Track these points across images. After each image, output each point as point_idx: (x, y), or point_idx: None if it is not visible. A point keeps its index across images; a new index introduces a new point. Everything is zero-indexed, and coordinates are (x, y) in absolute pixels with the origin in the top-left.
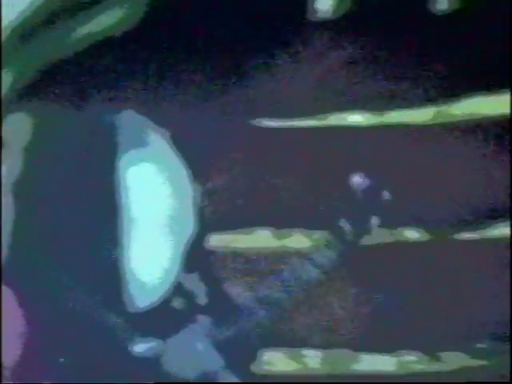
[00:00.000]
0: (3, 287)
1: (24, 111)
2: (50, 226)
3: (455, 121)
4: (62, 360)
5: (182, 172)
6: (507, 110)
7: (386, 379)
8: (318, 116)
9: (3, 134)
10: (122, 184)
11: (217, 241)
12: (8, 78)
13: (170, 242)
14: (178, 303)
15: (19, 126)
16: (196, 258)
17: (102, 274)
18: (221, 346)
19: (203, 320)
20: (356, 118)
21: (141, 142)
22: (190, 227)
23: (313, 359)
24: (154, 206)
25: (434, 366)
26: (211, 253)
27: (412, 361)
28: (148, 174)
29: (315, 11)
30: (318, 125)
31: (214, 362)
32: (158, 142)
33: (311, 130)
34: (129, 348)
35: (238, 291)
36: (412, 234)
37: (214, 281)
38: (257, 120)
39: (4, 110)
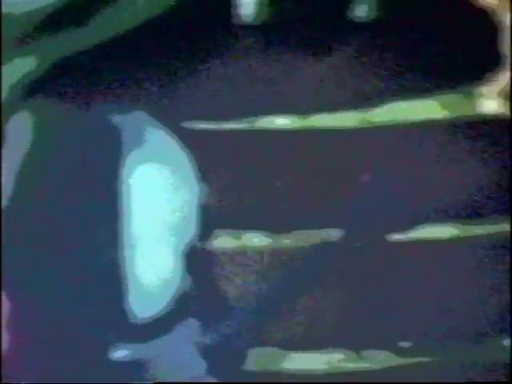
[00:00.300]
0: None
1: (27, 110)
2: (51, 226)
3: (380, 125)
4: (44, 361)
5: (189, 173)
6: (430, 115)
7: (316, 378)
8: (246, 119)
9: (6, 133)
10: (127, 185)
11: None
12: (24, 68)
13: (172, 247)
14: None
15: (22, 124)
16: (192, 260)
17: (101, 279)
18: (206, 351)
19: (192, 323)
20: (283, 122)
21: (147, 143)
22: (192, 229)
23: None
24: (158, 208)
25: (363, 365)
26: (208, 254)
27: (341, 359)
28: (153, 175)
29: (240, 16)
30: (247, 128)
31: (198, 366)
32: (165, 142)
33: (240, 132)
34: (111, 352)
35: (231, 293)
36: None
37: (206, 283)
38: (189, 122)
39: (7, 109)
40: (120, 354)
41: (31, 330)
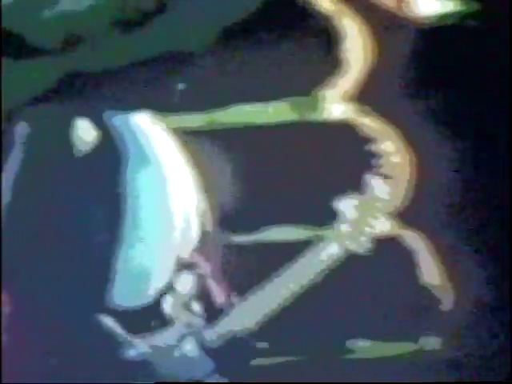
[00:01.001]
0: None
1: (30, 113)
2: (51, 227)
3: (225, 127)
4: (52, 361)
5: (189, 177)
6: (276, 118)
7: None
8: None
9: (9, 137)
10: (129, 187)
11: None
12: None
13: (168, 244)
14: (170, 305)
15: (25, 127)
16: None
17: (95, 272)
18: (211, 351)
19: (196, 323)
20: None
21: (147, 145)
22: (191, 230)
23: None
24: (155, 210)
25: None
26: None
27: None
28: (155, 178)
29: None
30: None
31: (204, 366)
32: (166, 146)
33: None
34: (120, 351)
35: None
36: None
37: (207, 284)
38: None
39: (11, 114)
40: (127, 353)
41: (31, 328)
